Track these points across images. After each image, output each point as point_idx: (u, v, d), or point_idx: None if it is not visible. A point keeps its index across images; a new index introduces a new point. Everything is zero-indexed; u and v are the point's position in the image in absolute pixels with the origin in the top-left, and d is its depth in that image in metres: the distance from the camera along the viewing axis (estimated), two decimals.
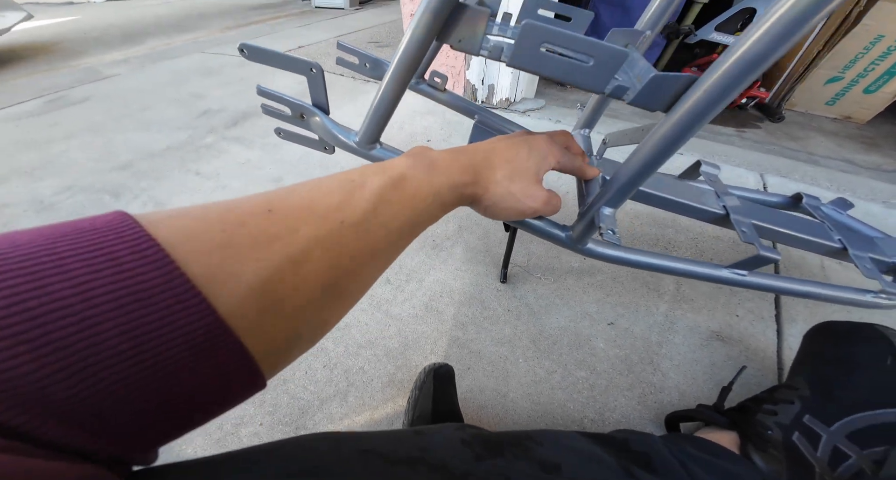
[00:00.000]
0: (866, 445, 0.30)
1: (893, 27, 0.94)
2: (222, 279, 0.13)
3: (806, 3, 0.19)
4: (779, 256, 0.37)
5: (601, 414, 0.46)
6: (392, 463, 0.20)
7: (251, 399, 0.47)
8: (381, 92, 0.33)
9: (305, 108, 0.37)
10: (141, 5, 3.43)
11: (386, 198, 0.19)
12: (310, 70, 0.34)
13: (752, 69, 0.22)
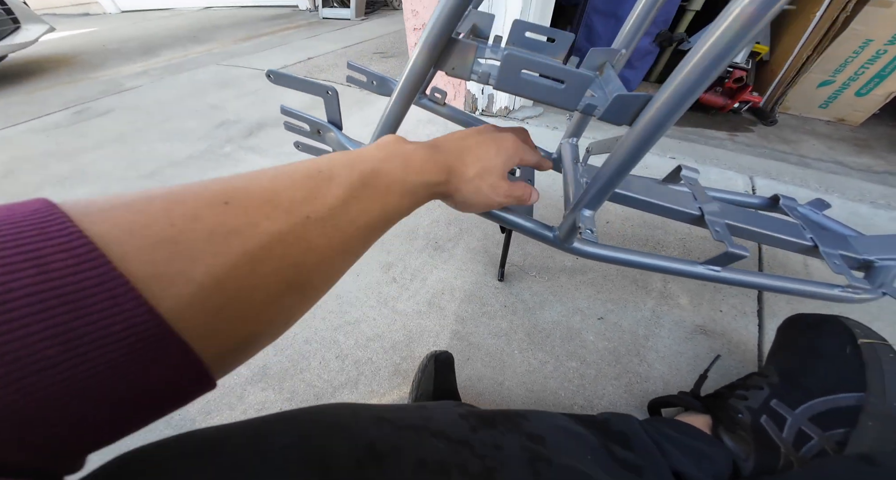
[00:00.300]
0: (827, 427, 0.33)
1: (881, 31, 0.97)
2: (168, 278, 0.12)
3: (731, 34, 0.23)
4: (747, 253, 0.40)
5: (590, 401, 0.50)
6: (400, 429, 0.23)
7: (272, 383, 0.51)
8: (389, 109, 0.38)
9: (322, 125, 0.42)
10: (156, 16, 3.58)
11: (356, 194, 0.18)
12: (326, 93, 0.39)
13: (692, 91, 0.27)
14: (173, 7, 4.06)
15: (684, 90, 0.27)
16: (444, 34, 0.31)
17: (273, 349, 0.57)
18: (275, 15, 3.11)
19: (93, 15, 4.11)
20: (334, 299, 0.63)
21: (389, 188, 0.21)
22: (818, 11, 0.95)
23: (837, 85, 1.10)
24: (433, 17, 0.30)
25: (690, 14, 1.15)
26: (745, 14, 0.22)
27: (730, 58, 0.24)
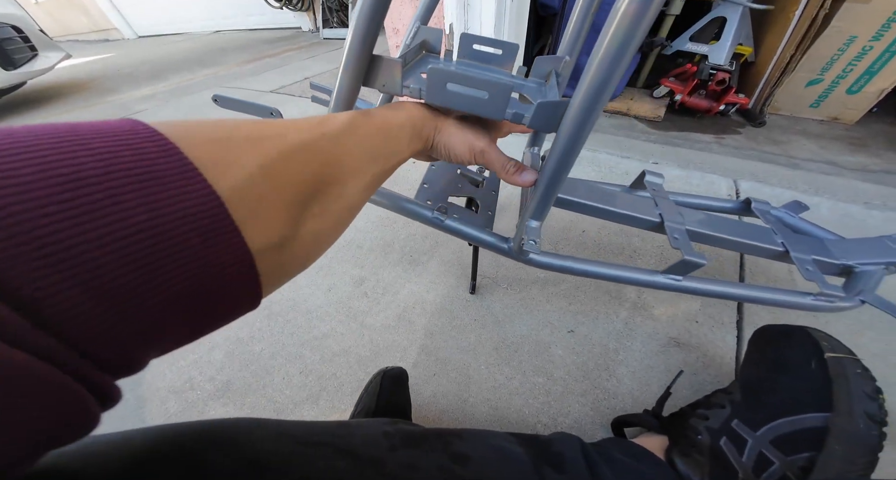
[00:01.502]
0: (791, 451, 0.30)
1: (864, 28, 0.94)
2: (224, 165, 0.14)
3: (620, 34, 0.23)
4: (703, 261, 0.38)
5: (554, 419, 0.48)
6: (302, 445, 0.23)
7: (234, 399, 0.50)
8: None
9: None
10: (169, 41, 3.80)
11: (356, 123, 0.22)
12: (269, 114, 0.39)
13: (600, 93, 0.26)
14: (186, 32, 4.31)
15: (593, 92, 0.26)
16: (364, 53, 0.32)
17: (238, 363, 0.57)
18: (279, 37, 3.26)
19: (112, 41, 4.39)
20: (303, 314, 0.63)
21: (384, 122, 0.25)
22: (797, 10, 0.94)
23: (826, 83, 1.06)
24: (349, 37, 0.31)
25: (670, 19, 1.14)
26: (628, 13, 0.22)
27: (627, 57, 0.24)
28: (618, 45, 0.23)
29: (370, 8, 0.29)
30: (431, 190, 0.53)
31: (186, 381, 0.55)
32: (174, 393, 0.54)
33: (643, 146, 0.98)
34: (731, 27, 1.05)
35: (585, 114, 0.28)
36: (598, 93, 0.26)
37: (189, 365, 0.57)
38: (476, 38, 0.49)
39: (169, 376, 0.56)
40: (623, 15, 0.22)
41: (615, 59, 0.24)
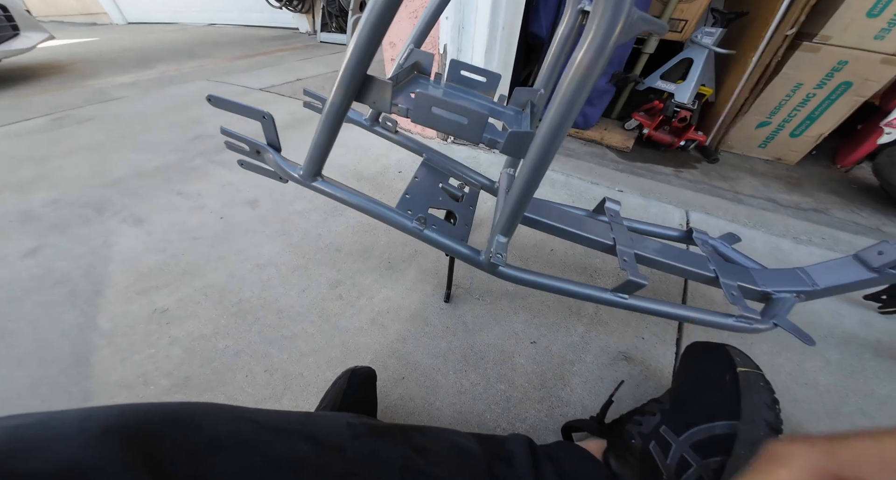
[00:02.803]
0: (706, 455, 0.33)
1: (809, 76, 1.07)
2: None
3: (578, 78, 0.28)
4: (645, 282, 0.43)
5: (512, 424, 0.51)
6: (261, 429, 0.24)
7: (191, 395, 0.49)
8: (315, 139, 0.41)
9: (261, 146, 0.45)
10: (159, 30, 3.70)
11: None
12: (262, 117, 0.42)
13: (560, 128, 0.31)
14: (179, 22, 4.22)
15: (554, 127, 0.31)
16: (359, 72, 0.35)
17: (199, 360, 0.56)
18: (275, 36, 3.25)
19: (100, 25, 4.23)
20: (274, 313, 0.64)
21: None
22: (754, 56, 1.06)
23: (774, 126, 1.20)
24: (346, 56, 0.34)
25: (644, 56, 1.26)
26: (584, 62, 0.27)
27: (581, 99, 0.29)
28: (573, 90, 0.28)
29: (370, 31, 0.32)
30: (413, 200, 0.56)
31: (140, 376, 0.54)
32: (126, 388, 0.52)
33: (612, 174, 1.07)
34: (696, 68, 1.18)
35: (548, 145, 0.32)
36: (558, 128, 0.31)
37: (144, 359, 0.56)
38: (464, 65, 0.54)
39: (120, 370, 0.54)
40: (578, 65, 0.27)
41: (570, 102, 0.29)
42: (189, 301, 0.65)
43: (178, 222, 0.83)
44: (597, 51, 0.26)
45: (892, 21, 0.92)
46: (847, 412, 0.53)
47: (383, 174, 1.03)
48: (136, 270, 0.71)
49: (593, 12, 0.25)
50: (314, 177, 0.45)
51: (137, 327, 0.61)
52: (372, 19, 0.31)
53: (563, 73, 0.29)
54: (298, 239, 0.79)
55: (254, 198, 0.90)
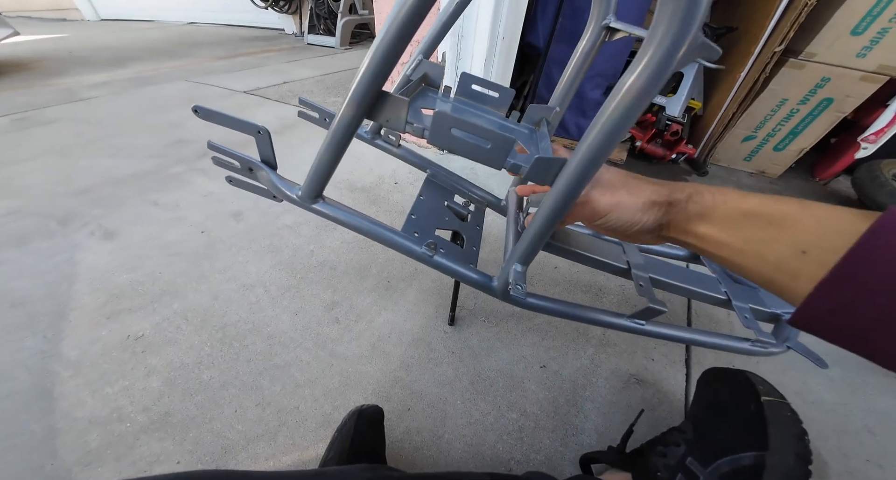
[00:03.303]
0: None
1: (794, 91, 1.11)
2: None
3: (612, 125, 0.26)
4: (665, 309, 0.42)
5: (526, 456, 0.48)
6: None
7: (172, 433, 0.45)
8: (320, 156, 0.37)
9: (254, 163, 0.41)
10: (136, 27, 3.52)
11: None
12: (257, 132, 0.38)
13: (599, 156, 0.28)
14: (157, 20, 4.04)
15: (593, 154, 0.29)
16: (373, 89, 0.32)
17: (181, 393, 0.51)
18: (260, 36, 3.16)
19: (70, 21, 3.99)
20: (264, 339, 0.59)
21: None
22: (742, 72, 1.09)
23: (759, 140, 1.24)
24: (361, 71, 0.31)
25: None
26: (634, 88, 0.25)
27: (625, 129, 0.27)
28: (619, 117, 0.26)
29: (389, 44, 0.29)
30: (419, 221, 0.53)
31: (113, 411, 0.48)
32: (97, 426, 0.47)
33: None
34: (686, 82, 1.21)
35: (582, 174, 0.30)
36: (597, 157, 0.28)
37: (117, 393, 0.50)
38: (475, 79, 0.51)
39: (90, 404, 0.49)
40: (628, 90, 0.25)
41: (614, 130, 0.27)
42: (168, 325, 0.59)
43: (154, 236, 0.77)
44: (652, 77, 0.24)
45: (875, 39, 0.96)
46: (853, 429, 0.53)
47: (378, 185, 0.99)
48: (106, 290, 0.64)
49: (652, 35, 0.23)
50: (315, 198, 0.41)
51: (109, 355, 0.54)
52: (395, 27, 0.28)
53: (609, 96, 0.27)
54: (289, 256, 0.74)
55: (238, 210, 0.85)
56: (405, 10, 0.27)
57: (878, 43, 0.96)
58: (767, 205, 0.23)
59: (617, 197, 0.30)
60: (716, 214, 0.25)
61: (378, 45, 0.29)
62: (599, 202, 0.31)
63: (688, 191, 0.27)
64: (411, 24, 0.28)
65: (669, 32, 0.21)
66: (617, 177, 0.32)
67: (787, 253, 0.20)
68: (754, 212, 0.23)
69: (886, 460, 0.51)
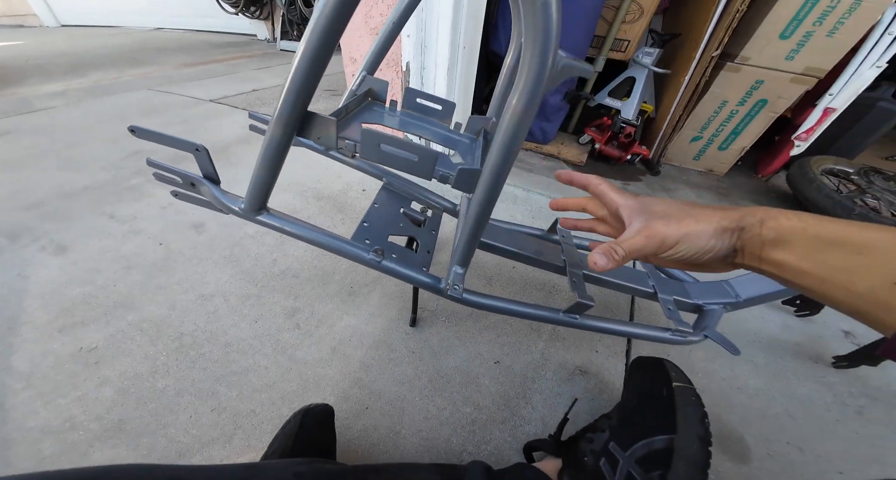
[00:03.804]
0: (648, 469, 0.34)
1: (733, 93, 1.20)
2: None
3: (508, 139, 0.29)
4: (592, 303, 0.46)
5: (478, 447, 0.51)
6: None
7: (126, 440, 0.45)
8: (257, 169, 0.39)
9: (195, 179, 0.42)
10: (98, 33, 3.39)
11: None
12: (195, 150, 0.39)
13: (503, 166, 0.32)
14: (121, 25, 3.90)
15: (497, 167, 0.32)
16: (298, 109, 0.34)
17: (134, 401, 0.52)
18: (230, 42, 3.10)
19: (28, 27, 3.80)
20: (221, 347, 0.59)
21: None
22: (686, 76, 1.16)
23: (705, 140, 1.33)
24: (283, 92, 0.32)
25: (594, 75, 1.35)
26: (518, 110, 0.28)
27: (519, 142, 0.30)
28: (511, 134, 0.29)
29: (307, 64, 0.30)
30: (371, 229, 0.55)
31: (66, 420, 0.49)
32: (50, 434, 0.47)
33: (567, 188, 1.12)
34: (638, 86, 1.28)
35: (492, 184, 0.33)
36: (501, 168, 0.32)
37: (70, 403, 0.50)
38: (419, 93, 0.54)
39: (43, 414, 0.49)
40: (513, 112, 0.29)
41: (510, 143, 0.30)
42: (122, 337, 0.59)
43: (109, 249, 0.76)
44: (528, 99, 0.28)
45: (801, 42, 1.05)
46: (774, 413, 0.58)
47: (345, 193, 1.01)
48: (57, 304, 0.63)
49: (521, 65, 0.26)
50: (258, 210, 0.42)
51: (61, 367, 0.54)
52: (308, 52, 0.30)
53: (500, 119, 0.30)
54: (250, 265, 0.75)
55: (199, 221, 0.84)
56: (316, 37, 0.29)
57: (804, 46, 1.05)
58: (851, 232, 0.22)
59: (684, 226, 0.29)
60: (794, 241, 0.24)
61: (296, 67, 0.31)
62: (667, 233, 0.29)
63: (759, 216, 0.26)
64: (325, 49, 0.30)
65: (533, 64, 0.25)
66: (675, 208, 0.30)
67: (877, 283, 0.20)
68: (838, 239, 0.22)
69: (806, 443, 0.54)
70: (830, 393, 0.61)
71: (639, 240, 0.30)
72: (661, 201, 0.32)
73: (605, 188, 0.36)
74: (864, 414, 0.59)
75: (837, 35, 1.00)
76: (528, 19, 0.23)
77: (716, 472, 0.50)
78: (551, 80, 0.26)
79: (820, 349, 0.69)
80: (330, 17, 0.27)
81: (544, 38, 0.23)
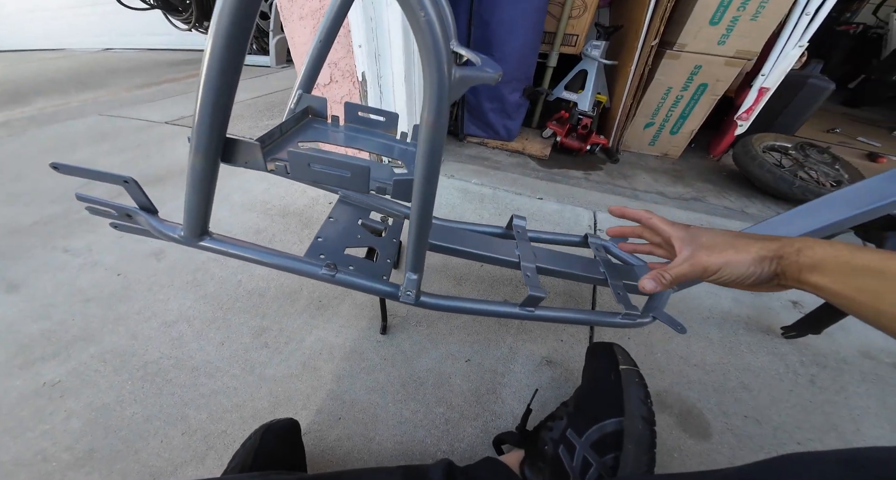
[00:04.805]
0: (602, 453, 0.36)
1: (675, 80, 1.26)
2: None
3: (429, 147, 0.30)
4: (544, 294, 0.48)
5: (452, 446, 0.52)
6: None
7: (99, 467, 0.44)
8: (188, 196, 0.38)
9: (131, 210, 0.42)
10: (39, 58, 3.21)
11: None
12: (124, 182, 0.39)
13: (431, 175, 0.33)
14: (65, 48, 3.71)
15: (425, 175, 0.33)
16: (216, 137, 0.33)
17: (102, 430, 0.51)
18: (185, 60, 3.01)
19: None
20: (188, 372, 0.59)
21: None
22: (632, 65, 1.21)
23: (657, 126, 1.40)
24: (195, 120, 0.32)
25: (549, 70, 1.39)
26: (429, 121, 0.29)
27: (439, 149, 0.31)
28: (429, 144, 0.31)
29: (214, 94, 0.31)
30: (326, 243, 0.55)
31: (37, 453, 0.49)
32: (23, 467, 0.47)
33: (533, 183, 1.15)
34: (591, 78, 1.33)
35: (424, 190, 0.35)
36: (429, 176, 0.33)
37: (39, 436, 0.50)
38: (359, 106, 0.55)
39: (13, 449, 0.49)
40: (426, 124, 0.30)
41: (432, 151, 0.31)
42: (85, 369, 0.58)
43: (64, 283, 0.73)
44: (436, 111, 0.29)
45: (730, 27, 1.12)
46: (730, 387, 0.60)
47: (312, 207, 1.00)
48: (15, 342, 0.62)
49: (423, 81, 0.28)
50: (200, 236, 0.42)
51: (25, 403, 0.54)
52: (213, 75, 0.30)
53: (420, 131, 0.31)
54: (214, 288, 0.73)
55: (159, 249, 0.82)
56: (215, 66, 0.29)
57: (733, 30, 1.12)
58: (879, 261, 0.25)
59: (725, 256, 0.32)
60: (827, 267, 0.27)
61: (202, 94, 0.31)
62: (709, 263, 0.33)
63: (797, 246, 0.30)
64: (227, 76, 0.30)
65: (431, 79, 0.26)
66: (721, 239, 0.34)
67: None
68: (867, 266, 0.25)
69: (762, 415, 0.56)
70: (783, 363, 0.64)
71: (684, 267, 0.35)
72: (708, 232, 0.36)
73: (657, 222, 0.41)
74: (816, 383, 0.61)
75: (761, 18, 1.07)
76: (418, 39, 0.25)
77: (678, 450, 0.52)
78: (453, 91, 0.28)
79: (770, 320, 0.72)
80: (228, 30, 0.27)
81: (436, 55, 0.25)
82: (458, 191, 1.09)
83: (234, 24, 0.26)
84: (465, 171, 1.21)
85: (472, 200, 1.07)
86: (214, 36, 0.27)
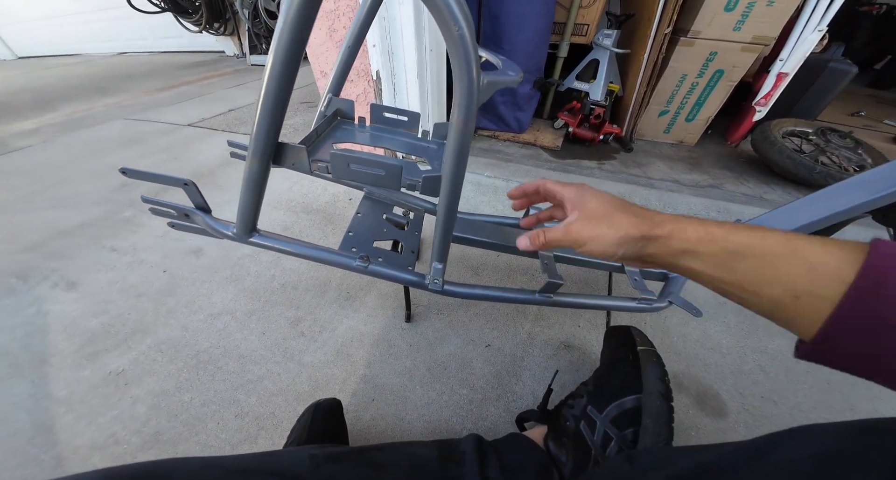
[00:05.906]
0: (622, 427, 0.37)
1: (690, 67, 1.25)
2: None
3: (457, 146, 0.33)
4: (562, 281, 0.51)
5: (476, 424, 0.56)
6: (229, 472, 0.27)
7: (165, 449, 0.51)
8: (242, 196, 0.43)
9: (189, 210, 0.46)
10: (57, 64, 3.32)
11: None
12: (184, 185, 0.43)
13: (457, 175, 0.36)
14: (82, 53, 3.82)
15: (452, 173, 0.37)
16: (270, 142, 0.37)
17: (166, 414, 0.57)
18: (200, 61, 3.07)
19: None
20: (236, 360, 0.64)
21: None
22: (645, 53, 1.20)
23: (672, 113, 1.38)
24: (254, 128, 0.36)
25: (560, 61, 1.39)
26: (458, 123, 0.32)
27: (466, 148, 0.35)
28: (458, 143, 0.34)
29: (271, 107, 0.34)
30: (357, 237, 0.60)
31: (109, 437, 0.54)
32: (98, 450, 0.53)
33: (545, 174, 1.17)
34: (602, 68, 1.32)
35: (452, 187, 0.38)
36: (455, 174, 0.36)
37: (110, 421, 0.56)
38: (384, 107, 0.58)
39: (88, 433, 0.54)
40: (455, 125, 0.33)
41: (460, 150, 0.35)
42: (144, 359, 0.64)
43: (116, 280, 0.79)
44: (465, 113, 0.32)
45: (745, 13, 1.10)
46: (747, 369, 0.62)
47: (334, 204, 1.05)
48: (80, 335, 0.68)
49: (454, 86, 0.31)
50: (250, 233, 0.47)
51: (95, 391, 0.60)
52: (272, 94, 0.34)
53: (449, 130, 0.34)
54: (251, 282, 0.79)
55: (197, 246, 0.88)
56: (273, 84, 0.33)
57: (749, 16, 1.10)
58: (753, 244, 0.23)
59: (596, 230, 0.31)
60: (702, 252, 0.25)
61: (261, 109, 0.35)
62: (581, 234, 0.32)
63: (668, 228, 0.28)
64: (283, 93, 0.34)
65: (462, 86, 0.29)
66: (602, 208, 0.32)
67: (780, 295, 0.21)
68: (741, 251, 0.23)
69: (779, 396, 0.57)
70: None
71: (559, 232, 0.34)
72: (596, 198, 0.33)
73: (550, 185, 0.39)
74: None
75: (777, 3, 1.04)
76: (450, 50, 0.27)
77: (695, 428, 0.54)
78: (481, 95, 0.31)
79: None
80: (286, 53, 0.30)
81: (467, 65, 0.28)
82: (472, 184, 1.12)
83: (289, 47, 0.30)
84: (477, 164, 1.23)
85: (486, 193, 1.09)
86: (274, 56, 0.30)
